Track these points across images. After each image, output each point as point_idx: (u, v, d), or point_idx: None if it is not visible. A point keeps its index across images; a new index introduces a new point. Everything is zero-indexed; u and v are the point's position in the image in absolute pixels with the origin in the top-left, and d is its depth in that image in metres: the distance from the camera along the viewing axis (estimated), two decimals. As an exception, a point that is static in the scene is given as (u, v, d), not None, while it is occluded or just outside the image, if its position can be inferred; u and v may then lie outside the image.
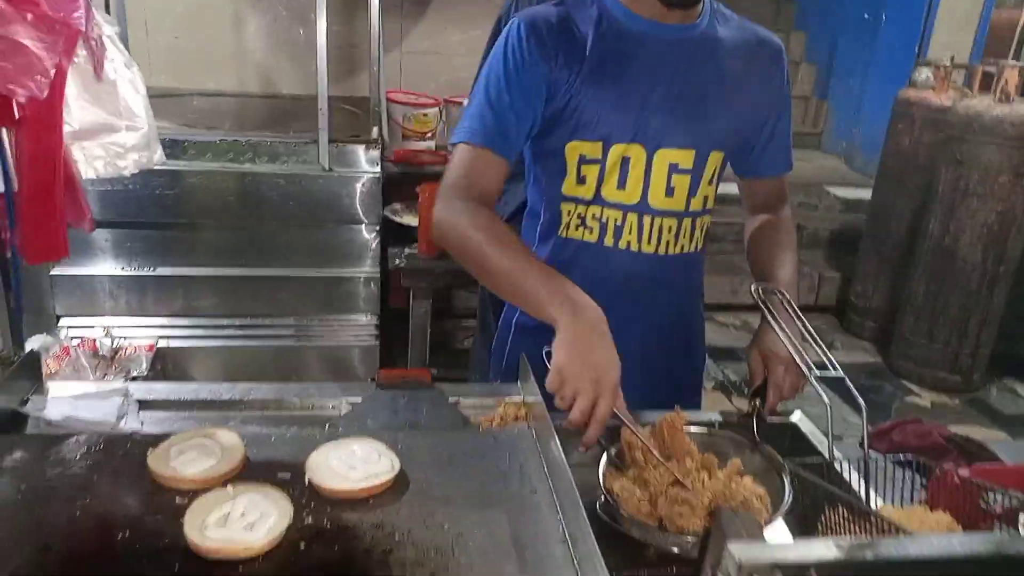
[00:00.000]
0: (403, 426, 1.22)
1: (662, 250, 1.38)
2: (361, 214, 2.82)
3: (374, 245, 2.88)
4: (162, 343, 2.73)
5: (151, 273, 2.72)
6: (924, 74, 4.15)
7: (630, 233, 1.36)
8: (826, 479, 1.06)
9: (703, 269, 1.51)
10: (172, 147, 1.24)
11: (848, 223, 5.08)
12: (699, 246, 1.44)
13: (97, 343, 2.57)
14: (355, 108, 3.39)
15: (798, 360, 1.16)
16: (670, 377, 1.36)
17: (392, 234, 3.02)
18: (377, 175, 2.81)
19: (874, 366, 4.19)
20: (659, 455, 1.14)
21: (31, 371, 1.22)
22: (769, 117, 1.41)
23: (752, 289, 1.32)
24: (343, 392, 1.29)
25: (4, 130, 1.06)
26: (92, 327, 2.69)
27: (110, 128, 1.15)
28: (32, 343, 2.09)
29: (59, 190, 1.09)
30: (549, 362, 1.12)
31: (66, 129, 1.10)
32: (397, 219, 3.05)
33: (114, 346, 2.58)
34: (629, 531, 1.05)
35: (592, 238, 1.37)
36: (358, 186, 2.78)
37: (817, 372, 1.13)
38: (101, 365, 2.53)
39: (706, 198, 1.39)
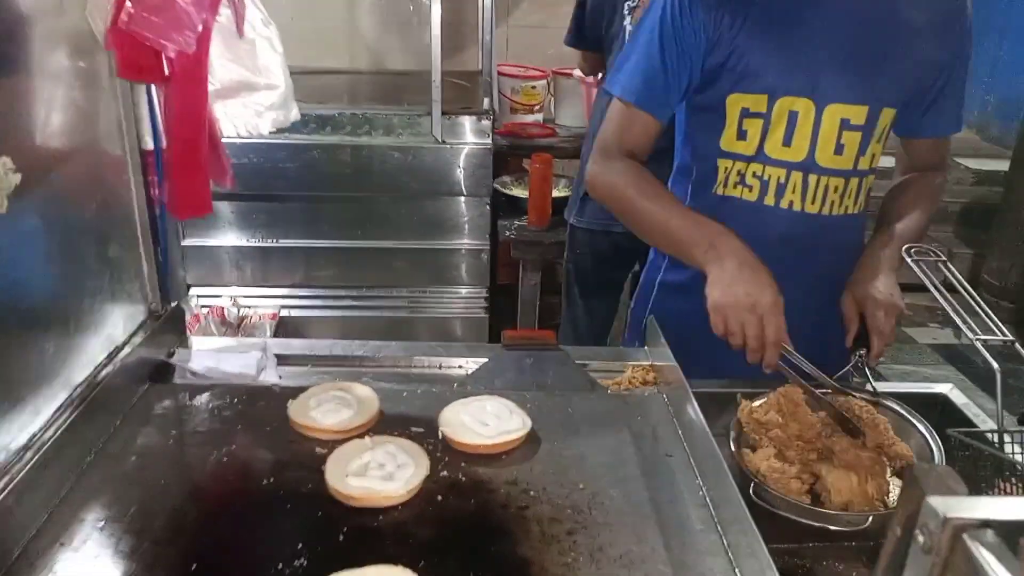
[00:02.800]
0: (530, 386, 1.20)
1: (826, 210, 1.30)
2: (472, 186, 2.83)
3: (485, 217, 2.88)
4: (284, 312, 2.82)
5: (274, 244, 2.81)
6: (1075, 32, 3.79)
7: (793, 192, 1.29)
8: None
9: (864, 230, 1.42)
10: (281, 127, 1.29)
11: (981, 196, 4.73)
12: (863, 207, 1.36)
13: (225, 311, 2.68)
14: (463, 82, 3.39)
15: (960, 324, 1.07)
16: (822, 339, 1.29)
17: (502, 207, 3.01)
18: (488, 146, 2.80)
19: (1008, 350, 3.89)
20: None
21: (176, 325, 1.27)
22: (942, 72, 1.31)
23: (903, 249, 1.23)
24: (470, 352, 1.29)
25: (154, 87, 1.10)
26: (219, 296, 2.81)
27: (250, 87, 1.18)
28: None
29: (204, 147, 1.12)
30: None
31: (209, 88, 1.13)
32: (507, 191, 3.05)
33: (240, 314, 2.70)
34: (782, 511, 1.00)
35: (751, 197, 1.31)
36: (470, 157, 2.79)
37: (982, 336, 1.04)
38: (228, 332, 2.64)
39: (874, 156, 1.31)
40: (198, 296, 2.81)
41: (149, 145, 1.13)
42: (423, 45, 2.81)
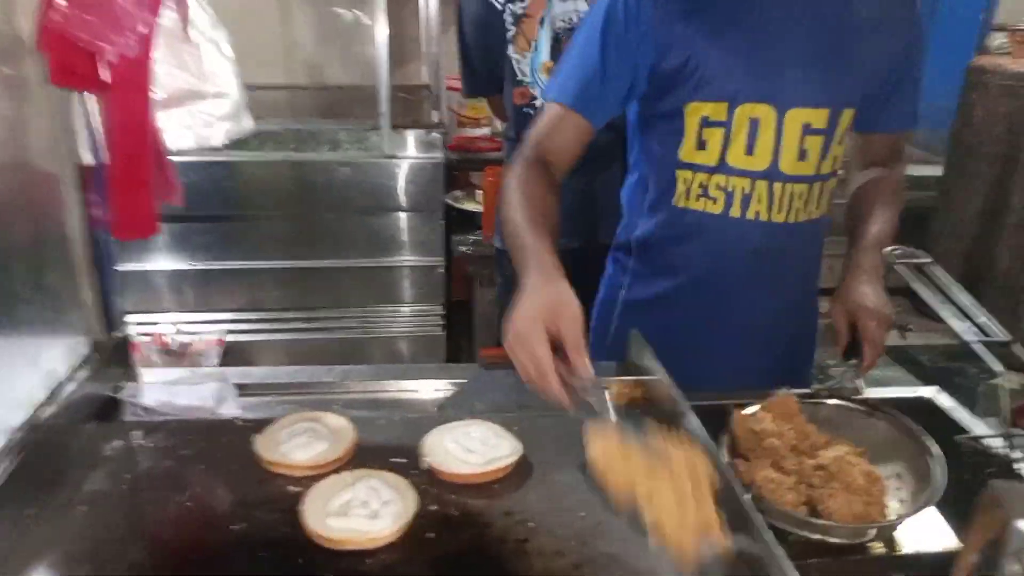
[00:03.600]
0: (513, 407, 1.13)
1: (792, 218, 1.27)
2: (424, 201, 2.74)
3: (438, 233, 2.81)
4: (230, 337, 2.68)
5: (216, 267, 2.68)
6: (998, 40, 3.95)
7: (759, 202, 1.25)
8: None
9: (824, 232, 1.40)
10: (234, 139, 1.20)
11: (915, 201, 4.82)
12: (826, 211, 1.33)
13: (168, 339, 2.53)
14: (408, 95, 3.32)
15: (954, 327, 1.05)
16: (789, 347, 1.26)
17: (455, 222, 2.94)
18: (440, 160, 2.73)
19: (954, 348, 3.99)
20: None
21: (122, 357, 1.16)
22: (898, 67, 1.29)
23: (885, 251, 1.21)
24: (445, 373, 1.21)
25: (91, 96, 0.99)
26: (159, 323, 2.66)
27: (198, 95, 1.08)
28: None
29: (149, 161, 1.02)
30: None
31: (153, 96, 1.03)
32: (459, 206, 2.99)
33: (183, 341, 2.55)
34: (779, 523, 0.95)
35: (716, 209, 1.26)
36: (421, 172, 2.71)
37: (982, 337, 1.02)
38: (171, 361, 2.49)
39: (835, 159, 1.28)
40: (136, 324, 2.65)
41: (87, 160, 1.03)
42: (363, 59, 2.73)
